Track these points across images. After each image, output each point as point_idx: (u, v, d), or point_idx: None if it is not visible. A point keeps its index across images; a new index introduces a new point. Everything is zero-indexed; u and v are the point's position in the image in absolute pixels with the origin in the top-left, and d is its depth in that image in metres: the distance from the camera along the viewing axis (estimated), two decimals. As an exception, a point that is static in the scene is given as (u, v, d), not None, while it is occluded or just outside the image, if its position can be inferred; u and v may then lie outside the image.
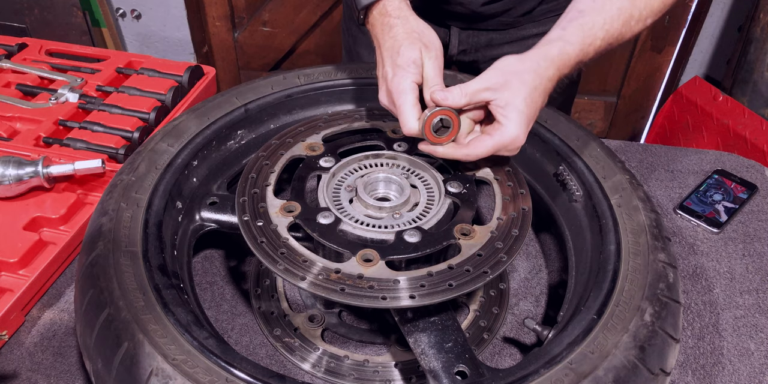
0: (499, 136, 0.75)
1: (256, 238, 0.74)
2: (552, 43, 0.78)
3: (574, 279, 0.85)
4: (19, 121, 1.21)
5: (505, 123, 0.74)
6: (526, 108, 0.74)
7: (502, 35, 1.12)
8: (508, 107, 0.74)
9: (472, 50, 1.15)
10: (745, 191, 1.15)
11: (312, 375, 0.84)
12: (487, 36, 1.13)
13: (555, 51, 0.77)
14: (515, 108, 0.74)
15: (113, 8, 2.40)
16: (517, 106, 0.74)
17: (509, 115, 0.74)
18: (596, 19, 0.79)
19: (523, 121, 0.74)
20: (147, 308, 0.69)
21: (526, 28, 1.11)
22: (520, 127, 0.74)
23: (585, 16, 0.80)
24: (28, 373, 0.83)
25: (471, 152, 0.76)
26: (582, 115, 2.55)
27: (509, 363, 0.87)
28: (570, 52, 0.78)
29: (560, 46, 0.78)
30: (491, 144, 0.75)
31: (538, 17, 1.10)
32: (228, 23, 2.46)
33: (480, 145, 0.76)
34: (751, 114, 1.84)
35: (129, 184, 0.83)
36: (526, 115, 0.75)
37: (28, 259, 0.95)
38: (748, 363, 0.88)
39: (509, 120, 0.74)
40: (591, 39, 0.79)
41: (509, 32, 1.12)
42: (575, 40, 0.78)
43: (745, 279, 1.00)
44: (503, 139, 0.75)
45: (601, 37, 0.80)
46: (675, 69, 2.36)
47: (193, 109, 0.95)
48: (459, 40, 1.13)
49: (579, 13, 0.81)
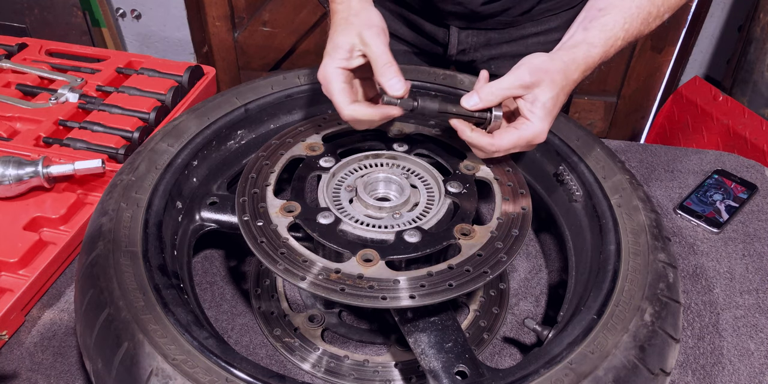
0: (525, 130, 0.77)
1: (256, 238, 0.74)
2: (578, 46, 0.80)
3: (574, 279, 0.85)
4: (19, 121, 1.21)
5: (533, 119, 0.76)
6: (552, 106, 0.77)
7: (500, 34, 1.13)
8: (536, 103, 0.76)
9: (471, 50, 1.15)
10: (745, 191, 1.15)
11: (312, 375, 0.84)
12: (485, 35, 1.13)
13: (581, 54, 0.79)
14: (543, 105, 0.76)
15: (113, 8, 2.40)
16: (545, 104, 0.76)
17: (537, 112, 0.76)
18: (617, 18, 0.81)
19: (548, 118, 0.77)
20: (147, 308, 0.69)
21: (524, 27, 1.12)
22: (545, 124, 0.77)
23: (606, 15, 0.81)
24: (28, 373, 0.83)
25: (495, 142, 0.77)
26: (582, 115, 2.55)
27: (509, 363, 0.87)
28: (594, 55, 0.80)
29: (585, 49, 0.79)
30: (516, 136, 0.77)
31: (537, 16, 1.10)
32: (228, 23, 2.45)
33: (505, 136, 0.77)
34: (751, 114, 1.84)
35: (129, 184, 0.83)
36: (551, 114, 0.77)
37: (28, 259, 0.95)
38: (748, 363, 0.88)
39: (536, 116, 0.76)
40: (613, 40, 0.81)
41: (508, 31, 1.12)
42: (598, 43, 0.80)
43: (745, 279, 1.00)
44: (527, 134, 0.77)
45: (622, 37, 0.81)
46: (675, 69, 2.36)
47: (193, 109, 0.95)
48: (458, 39, 1.13)
49: (599, 11, 0.82)
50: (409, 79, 1.01)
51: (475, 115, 0.78)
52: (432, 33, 1.14)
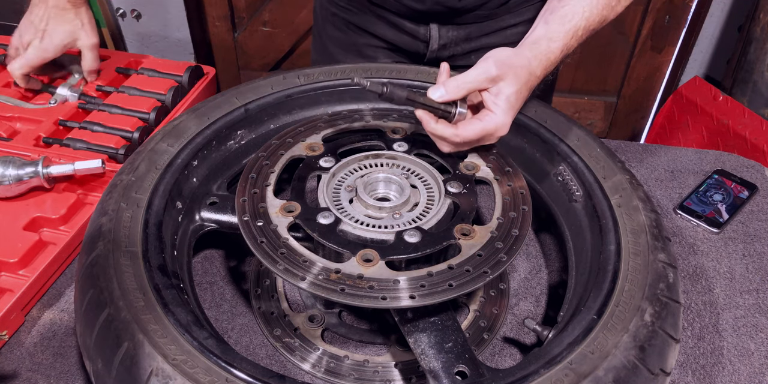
0: (489, 122, 0.79)
1: (256, 238, 0.74)
2: (538, 42, 0.83)
3: (574, 279, 0.85)
4: (19, 121, 1.21)
5: (496, 111, 0.78)
6: (515, 100, 0.79)
7: (480, 28, 1.14)
8: (500, 96, 0.78)
9: (452, 44, 1.17)
10: (745, 191, 1.15)
11: (312, 375, 0.84)
12: (465, 30, 1.14)
13: (542, 50, 0.82)
14: (507, 98, 0.78)
15: (113, 8, 2.40)
16: (509, 97, 0.78)
17: (501, 104, 0.78)
18: (576, 8, 0.84)
19: (510, 112, 0.79)
20: (147, 308, 0.69)
21: (503, 19, 1.13)
22: (508, 117, 0.79)
23: (565, 5, 0.84)
24: (28, 373, 0.83)
25: (460, 133, 0.79)
26: (582, 115, 2.55)
27: (509, 363, 0.87)
28: (555, 50, 0.83)
29: (546, 45, 0.82)
30: (480, 127, 0.79)
31: (514, 8, 1.11)
32: (228, 23, 2.45)
33: (469, 127, 0.79)
34: (751, 114, 1.84)
35: (129, 184, 0.83)
36: (514, 108, 0.80)
37: (28, 259, 0.95)
38: (748, 363, 0.88)
39: (500, 108, 0.78)
40: (573, 31, 0.84)
41: (487, 24, 1.13)
42: (558, 37, 0.83)
43: (745, 279, 1.00)
44: (491, 126, 0.79)
45: (583, 26, 0.84)
46: (675, 69, 2.36)
47: (193, 109, 0.95)
48: (439, 34, 1.14)
49: (559, 2, 0.85)
50: (409, 79, 1.02)
51: (441, 108, 0.79)
52: (413, 31, 1.15)
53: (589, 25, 0.84)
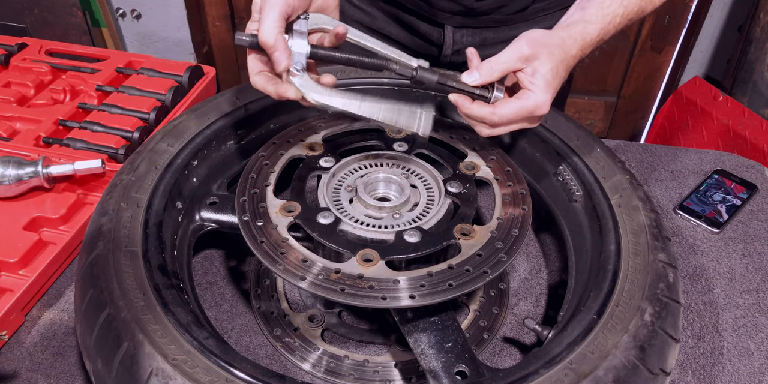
0: (527, 100, 0.76)
1: (256, 238, 0.74)
2: (575, 24, 0.80)
3: (574, 279, 0.85)
4: (19, 121, 1.21)
5: (534, 89, 0.75)
6: (552, 78, 0.76)
7: (495, 34, 1.13)
8: (536, 75, 0.75)
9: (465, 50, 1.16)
10: (745, 191, 1.15)
11: (312, 375, 0.84)
12: (480, 35, 1.13)
13: (578, 31, 0.79)
14: (543, 77, 0.75)
15: (113, 8, 2.40)
16: (545, 75, 0.75)
17: (537, 83, 0.75)
18: None
19: (549, 90, 0.76)
20: (147, 308, 0.69)
21: (519, 27, 1.12)
22: (547, 95, 0.76)
23: None
24: (28, 373, 0.83)
25: (497, 111, 0.76)
26: (582, 115, 2.55)
27: (509, 363, 0.87)
28: (591, 32, 0.80)
29: (582, 26, 0.79)
30: (518, 106, 0.76)
31: (531, 16, 1.10)
32: (228, 23, 2.45)
33: (506, 106, 0.76)
34: (751, 114, 1.84)
35: (129, 184, 0.83)
36: (552, 86, 0.76)
37: (28, 259, 0.95)
38: (748, 363, 0.88)
39: (537, 86, 0.75)
40: (611, 17, 0.81)
41: (502, 31, 1.12)
42: (595, 20, 0.80)
43: (745, 279, 1.00)
44: (530, 104, 0.75)
45: (621, 13, 0.81)
46: (675, 69, 2.36)
47: (193, 109, 0.95)
48: (453, 39, 1.13)
49: None
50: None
51: (476, 92, 0.76)
52: (427, 33, 1.14)
53: (627, 13, 0.82)
